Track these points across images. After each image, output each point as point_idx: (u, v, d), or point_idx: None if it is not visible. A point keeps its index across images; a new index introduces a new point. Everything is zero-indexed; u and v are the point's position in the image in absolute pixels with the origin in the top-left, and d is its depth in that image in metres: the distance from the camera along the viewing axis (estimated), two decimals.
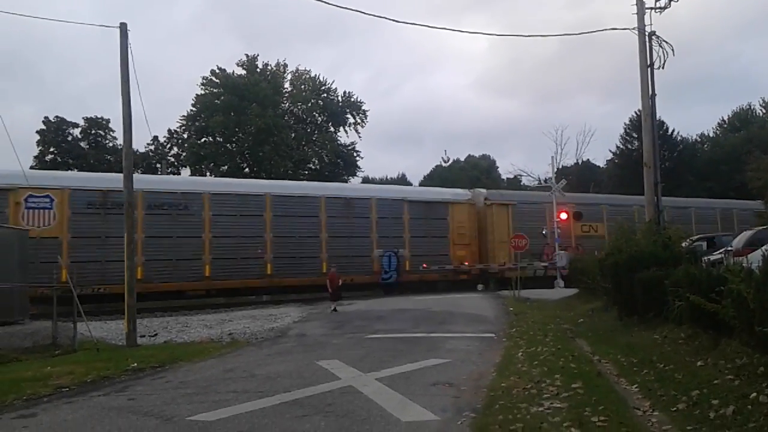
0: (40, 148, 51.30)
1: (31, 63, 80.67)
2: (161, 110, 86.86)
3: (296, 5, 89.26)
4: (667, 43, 18.53)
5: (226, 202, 26.82)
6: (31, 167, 45.15)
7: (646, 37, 18.65)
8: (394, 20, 33.49)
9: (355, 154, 59.83)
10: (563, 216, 31.74)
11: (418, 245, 30.44)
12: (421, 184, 68.08)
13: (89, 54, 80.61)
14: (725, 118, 65.01)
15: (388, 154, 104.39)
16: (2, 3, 17.93)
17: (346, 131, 59.45)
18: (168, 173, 50.23)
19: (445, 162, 76.84)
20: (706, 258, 16.71)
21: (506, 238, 30.56)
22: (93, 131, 53.00)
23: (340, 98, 59.18)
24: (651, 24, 18.72)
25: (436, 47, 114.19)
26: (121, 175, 17.13)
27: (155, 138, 53.96)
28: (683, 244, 16.26)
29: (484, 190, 35.05)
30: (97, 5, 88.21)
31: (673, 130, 56.21)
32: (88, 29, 60.51)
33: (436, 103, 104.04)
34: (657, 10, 18.69)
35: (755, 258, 9.86)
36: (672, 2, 18.41)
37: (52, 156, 51.46)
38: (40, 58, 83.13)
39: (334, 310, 21.30)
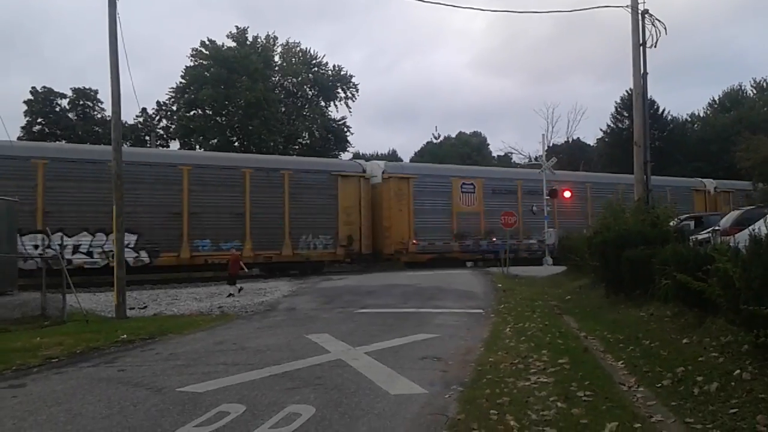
0: (27, 118, 50.68)
1: (31, 34, 79.42)
2: (160, 85, 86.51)
3: None
4: (660, 21, 18.47)
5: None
6: (19, 138, 44.64)
7: (639, 15, 18.56)
8: None
9: (345, 129, 59.56)
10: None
11: None
12: (411, 160, 68.09)
13: (88, 26, 79.40)
14: (716, 98, 65.23)
15: (384, 131, 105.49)
16: None
17: (336, 106, 59.14)
18: (157, 146, 49.79)
19: (435, 139, 76.81)
20: (693, 237, 16.86)
21: None
22: (81, 102, 52.29)
23: (330, 72, 58.72)
24: (644, 2, 18.66)
25: (435, 26, 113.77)
26: None
27: (144, 110, 53.36)
28: (671, 223, 16.37)
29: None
30: None
31: (664, 110, 56.42)
32: (88, 1, 59.43)
33: (433, 82, 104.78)
34: None
35: (742, 237, 9.94)
36: None
37: (40, 127, 50.84)
38: (40, 30, 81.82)
39: (233, 294, 19.51)
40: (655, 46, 18.52)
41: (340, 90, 58.82)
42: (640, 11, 18.56)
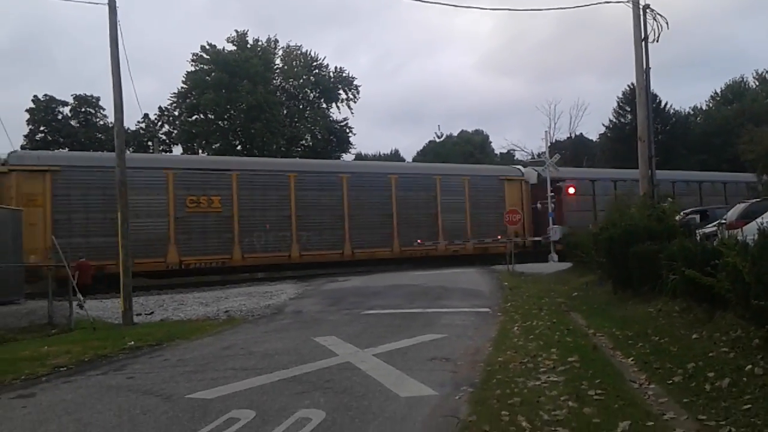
0: (30, 126, 50.85)
1: (47, 46, 79.77)
2: (163, 91, 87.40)
3: None
4: (661, 16, 18.41)
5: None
6: (22, 147, 44.78)
7: (641, 10, 18.52)
8: None
9: (347, 131, 59.58)
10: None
11: None
12: (414, 160, 68.29)
13: (100, 38, 79.71)
14: (718, 90, 65.02)
15: (390, 132, 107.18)
16: None
17: (338, 107, 59.17)
18: (160, 151, 49.93)
19: (438, 137, 76.83)
20: (700, 231, 16.80)
21: None
22: (83, 109, 52.51)
23: (331, 74, 58.73)
24: None
25: (442, 29, 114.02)
26: None
27: (146, 116, 53.60)
28: (677, 218, 16.31)
29: None
30: None
31: (666, 104, 56.22)
32: (101, 11, 59.69)
33: (439, 83, 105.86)
34: None
35: (750, 230, 9.87)
36: None
37: (43, 135, 51.01)
38: (53, 42, 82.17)
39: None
40: (657, 41, 18.47)
41: (341, 92, 58.84)
42: (641, 6, 18.52)
